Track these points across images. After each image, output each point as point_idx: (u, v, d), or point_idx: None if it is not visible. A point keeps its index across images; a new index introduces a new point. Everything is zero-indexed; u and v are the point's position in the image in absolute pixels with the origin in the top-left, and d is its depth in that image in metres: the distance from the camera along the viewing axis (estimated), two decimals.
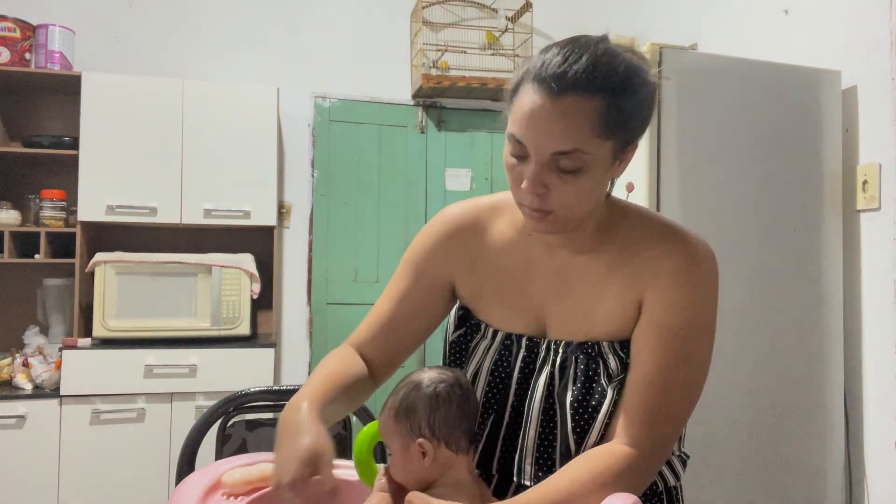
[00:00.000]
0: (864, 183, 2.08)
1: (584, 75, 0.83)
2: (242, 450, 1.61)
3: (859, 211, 2.10)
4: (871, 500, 2.03)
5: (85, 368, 2.84)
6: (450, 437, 0.93)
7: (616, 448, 0.90)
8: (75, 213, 3.04)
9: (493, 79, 3.59)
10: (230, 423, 1.60)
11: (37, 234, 3.00)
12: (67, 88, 3.15)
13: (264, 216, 3.21)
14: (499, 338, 1.03)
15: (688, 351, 0.92)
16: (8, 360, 2.96)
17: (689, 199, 1.94)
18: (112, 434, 2.84)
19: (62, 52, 3.11)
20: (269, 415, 1.87)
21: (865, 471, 2.06)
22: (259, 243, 3.33)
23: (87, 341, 2.91)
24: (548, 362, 0.98)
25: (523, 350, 1.00)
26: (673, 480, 1.02)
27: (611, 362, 0.94)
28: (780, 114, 2.05)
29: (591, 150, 0.84)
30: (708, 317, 0.94)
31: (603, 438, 0.94)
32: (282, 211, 3.55)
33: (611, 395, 0.93)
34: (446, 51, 3.70)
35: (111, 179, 3.03)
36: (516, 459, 0.99)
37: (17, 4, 3.17)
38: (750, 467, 1.97)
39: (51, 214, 3.04)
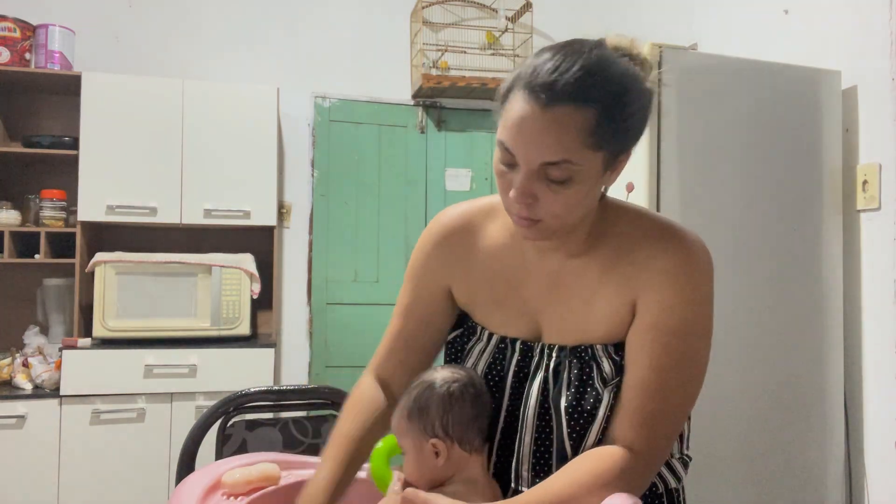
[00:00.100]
0: (864, 183, 2.08)
1: (576, 85, 0.80)
2: (242, 450, 1.61)
3: (859, 211, 2.10)
4: (871, 500, 2.03)
5: (85, 368, 2.84)
6: (463, 436, 0.93)
7: (615, 449, 0.90)
8: (75, 213, 3.04)
9: (494, 79, 3.58)
10: (230, 423, 1.60)
11: (37, 234, 3.00)
12: (67, 88, 3.15)
13: (264, 216, 3.20)
14: (493, 341, 1.02)
15: (684, 351, 0.91)
16: (8, 360, 2.96)
17: (689, 199, 1.94)
18: (112, 434, 2.84)
19: (62, 52, 3.11)
20: (269, 415, 1.87)
21: (865, 471, 2.06)
22: (259, 243, 3.33)
23: (87, 341, 2.91)
24: (542, 367, 0.97)
25: (517, 354, 0.99)
26: (674, 482, 1.02)
27: (605, 366, 0.94)
28: (780, 114, 2.05)
29: (581, 161, 0.82)
30: (704, 316, 0.93)
31: (600, 442, 0.93)
32: (282, 211, 3.55)
33: (607, 399, 0.92)
34: (446, 51, 3.70)
35: (111, 179, 3.03)
36: (513, 465, 0.98)
37: (17, 4, 3.17)
38: (750, 467, 1.97)
39: (51, 214, 3.04)
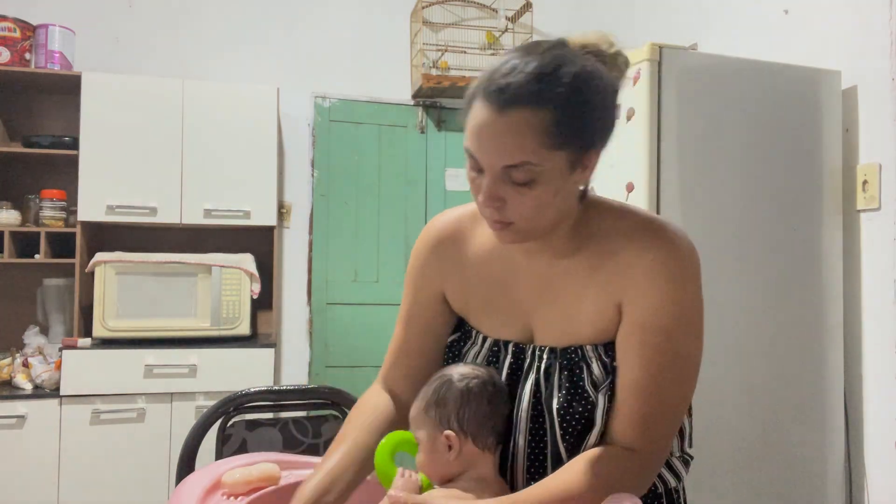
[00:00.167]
0: (864, 183, 2.08)
1: (529, 87, 0.81)
2: (242, 450, 1.61)
3: (859, 211, 2.10)
4: (871, 500, 2.03)
5: (85, 368, 2.84)
6: (477, 433, 0.94)
7: (616, 449, 0.90)
8: (75, 213, 3.04)
9: None
10: (230, 423, 1.60)
11: (37, 234, 3.00)
12: (67, 88, 3.15)
13: (264, 216, 3.20)
14: (487, 344, 1.03)
15: (675, 350, 0.91)
16: (8, 360, 2.96)
17: (689, 199, 1.94)
18: (112, 434, 2.84)
19: (62, 52, 3.11)
20: (269, 415, 1.87)
21: (865, 471, 2.06)
22: (259, 243, 3.33)
23: (87, 341, 2.91)
24: (533, 369, 0.97)
25: (510, 357, 1.00)
26: (674, 482, 1.01)
27: (594, 367, 0.93)
28: (781, 114, 2.05)
29: (541, 161, 0.83)
30: (692, 312, 0.92)
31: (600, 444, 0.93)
32: (282, 211, 3.55)
33: (603, 402, 0.92)
34: (446, 51, 3.70)
35: (111, 179, 3.03)
36: (508, 466, 0.99)
37: (17, 4, 3.17)
38: (750, 467, 1.97)
39: (51, 214, 3.04)
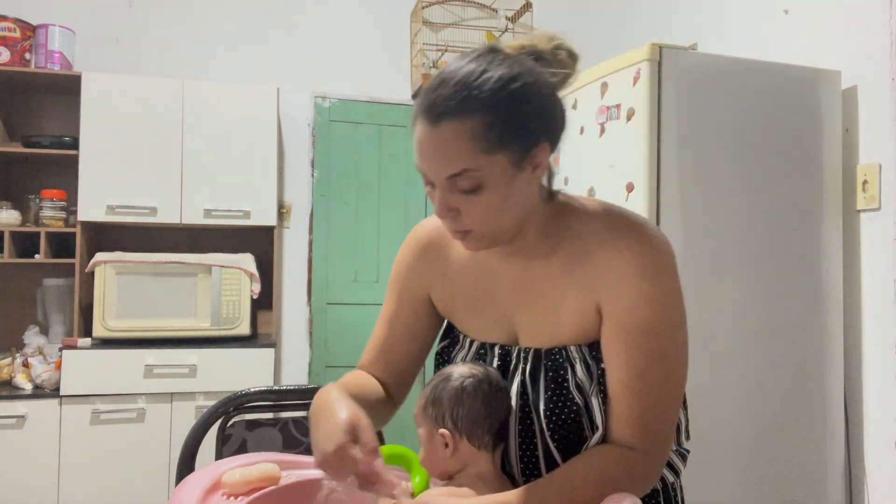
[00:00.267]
0: (864, 183, 2.08)
1: (453, 99, 0.84)
2: (242, 450, 1.61)
3: (859, 211, 2.10)
4: (871, 500, 2.03)
5: (85, 368, 2.84)
6: (472, 431, 0.94)
7: (617, 448, 0.90)
8: (75, 213, 3.04)
9: None
10: (230, 423, 1.60)
11: (37, 234, 3.00)
12: (67, 88, 3.15)
13: (264, 216, 3.20)
14: (474, 347, 1.04)
15: (659, 348, 0.90)
16: (8, 360, 2.96)
17: (689, 199, 1.94)
18: (112, 434, 2.84)
19: (62, 52, 3.11)
20: (269, 415, 1.87)
21: (865, 471, 2.06)
22: (259, 243, 3.33)
23: (87, 341, 2.91)
24: (519, 371, 0.98)
25: (496, 359, 1.01)
26: (671, 477, 1.02)
27: (578, 368, 0.94)
28: (780, 114, 2.05)
29: (481, 166, 0.85)
30: (671, 308, 0.92)
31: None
32: (282, 211, 3.55)
33: (597, 403, 0.92)
34: (446, 51, 3.70)
35: (111, 179, 3.03)
36: (508, 465, 0.99)
37: (17, 4, 3.17)
38: (750, 467, 1.97)
39: (51, 214, 3.04)
